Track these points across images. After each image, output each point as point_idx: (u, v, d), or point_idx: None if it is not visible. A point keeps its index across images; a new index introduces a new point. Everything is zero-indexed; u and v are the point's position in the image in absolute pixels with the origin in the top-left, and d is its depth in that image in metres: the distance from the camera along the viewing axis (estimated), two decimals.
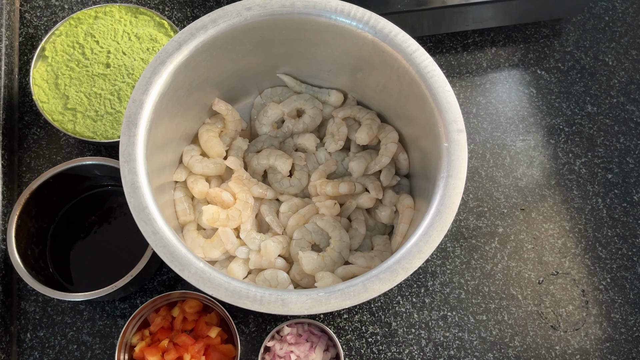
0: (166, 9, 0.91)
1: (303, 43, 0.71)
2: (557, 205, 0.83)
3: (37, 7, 0.91)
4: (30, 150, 0.82)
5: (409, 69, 0.64)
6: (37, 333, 0.73)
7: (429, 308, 0.77)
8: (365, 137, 0.74)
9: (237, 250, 0.70)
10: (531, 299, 0.78)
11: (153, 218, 0.57)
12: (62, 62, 0.80)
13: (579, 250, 0.80)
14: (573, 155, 0.86)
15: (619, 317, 0.77)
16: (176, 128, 0.71)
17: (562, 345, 0.76)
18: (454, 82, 0.90)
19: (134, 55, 0.81)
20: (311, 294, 0.55)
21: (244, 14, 0.65)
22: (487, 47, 0.92)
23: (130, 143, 0.59)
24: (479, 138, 0.86)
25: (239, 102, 0.80)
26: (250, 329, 0.75)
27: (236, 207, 0.70)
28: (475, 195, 0.83)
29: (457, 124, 0.62)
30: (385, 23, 0.65)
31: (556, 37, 0.94)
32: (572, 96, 0.90)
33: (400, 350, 0.75)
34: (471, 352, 0.75)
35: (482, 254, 0.80)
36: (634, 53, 0.93)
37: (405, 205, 0.72)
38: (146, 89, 0.61)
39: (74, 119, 0.77)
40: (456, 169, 0.60)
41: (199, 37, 0.64)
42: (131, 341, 0.69)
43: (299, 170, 0.76)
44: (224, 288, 0.55)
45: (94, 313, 0.75)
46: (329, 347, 0.71)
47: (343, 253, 0.70)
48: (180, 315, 0.70)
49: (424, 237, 0.57)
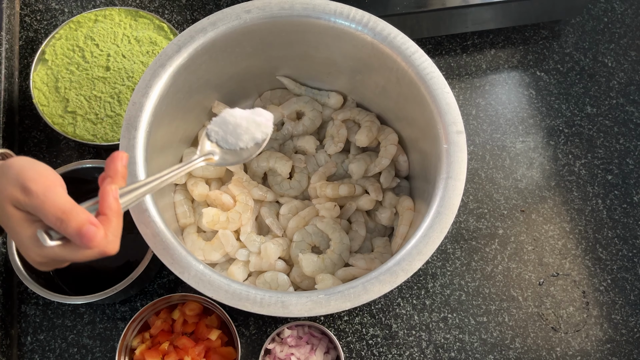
0: (166, 12, 0.92)
1: (302, 45, 0.71)
2: (557, 207, 0.83)
3: (37, 11, 0.91)
4: (30, 153, 0.82)
5: (409, 70, 0.64)
6: (38, 336, 0.73)
7: (429, 310, 0.77)
8: (364, 139, 0.74)
9: (237, 252, 0.70)
10: (532, 300, 0.77)
11: (153, 221, 0.57)
12: (62, 65, 0.80)
13: (580, 252, 0.80)
14: (573, 156, 0.86)
15: (619, 318, 0.77)
16: (176, 131, 0.71)
17: (562, 347, 0.75)
18: (453, 83, 0.90)
19: (134, 58, 0.81)
20: (311, 296, 0.55)
21: (244, 16, 0.65)
22: (486, 49, 0.92)
23: (130, 146, 0.60)
24: (479, 140, 0.86)
25: (238, 105, 0.80)
26: (251, 331, 0.75)
27: (236, 209, 0.70)
28: (475, 196, 0.83)
29: (456, 125, 0.62)
30: (385, 25, 0.65)
31: (555, 38, 0.94)
32: (571, 97, 0.90)
33: (401, 352, 0.74)
34: (472, 353, 0.75)
35: (482, 256, 0.80)
36: (633, 54, 0.93)
37: (405, 207, 0.72)
38: (146, 91, 0.61)
39: (74, 122, 0.77)
40: (456, 171, 0.60)
41: (199, 40, 0.64)
42: (132, 344, 0.69)
43: (299, 173, 0.76)
44: (224, 290, 0.55)
45: (94, 316, 0.75)
46: (330, 349, 0.71)
47: (343, 255, 0.70)
48: (181, 317, 0.70)
49: (423, 238, 0.57)
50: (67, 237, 0.42)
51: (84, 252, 0.43)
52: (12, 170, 0.43)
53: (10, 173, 0.43)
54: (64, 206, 0.42)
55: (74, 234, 0.41)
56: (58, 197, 0.42)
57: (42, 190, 0.42)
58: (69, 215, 0.41)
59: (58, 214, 0.41)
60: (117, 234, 0.44)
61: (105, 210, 0.43)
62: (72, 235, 0.42)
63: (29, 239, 0.42)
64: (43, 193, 0.42)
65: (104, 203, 0.44)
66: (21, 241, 0.43)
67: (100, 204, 0.44)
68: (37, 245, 0.42)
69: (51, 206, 0.42)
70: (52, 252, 0.43)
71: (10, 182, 0.43)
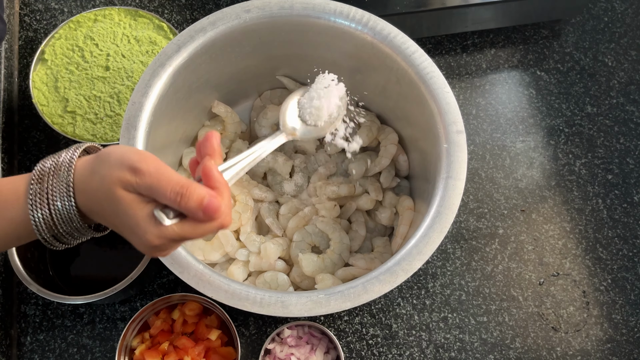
0: (165, 12, 0.92)
1: (302, 45, 0.71)
2: (558, 206, 0.83)
3: (37, 11, 0.91)
4: (30, 153, 0.82)
5: (409, 70, 0.64)
6: (37, 336, 0.73)
7: (429, 310, 0.76)
8: (365, 139, 0.74)
9: (237, 252, 0.70)
10: (532, 300, 0.77)
11: None
12: (62, 65, 0.80)
13: (580, 251, 0.80)
14: (573, 156, 0.86)
15: (620, 318, 0.77)
16: (175, 130, 0.71)
17: (563, 347, 0.75)
18: (453, 83, 0.90)
19: (134, 58, 0.81)
20: (311, 296, 0.55)
21: (243, 16, 0.65)
22: (486, 49, 0.92)
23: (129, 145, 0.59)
24: (479, 139, 0.86)
25: (238, 105, 0.80)
26: (251, 331, 0.75)
27: (236, 209, 0.70)
28: (475, 196, 0.83)
29: (456, 125, 0.62)
30: (385, 24, 0.65)
31: (555, 38, 0.94)
32: (571, 97, 0.90)
33: (401, 352, 0.74)
34: (472, 353, 0.75)
35: (482, 255, 0.79)
36: (634, 54, 0.93)
37: (405, 206, 0.72)
38: (145, 91, 0.61)
39: (73, 122, 0.77)
40: (456, 170, 0.60)
41: (198, 40, 0.64)
42: (131, 344, 0.69)
43: (299, 172, 0.76)
44: (224, 290, 0.55)
45: (94, 316, 0.74)
46: (330, 349, 0.71)
47: (343, 255, 0.70)
48: (181, 318, 0.70)
49: (424, 238, 0.57)
50: (187, 212, 0.41)
51: (204, 226, 0.42)
52: (114, 156, 0.42)
53: (112, 159, 0.42)
54: (181, 181, 0.41)
55: (195, 208, 0.41)
56: (172, 173, 0.42)
57: (154, 168, 0.41)
58: (188, 189, 0.41)
59: (176, 188, 0.40)
60: (230, 206, 0.44)
61: (214, 183, 0.43)
62: (193, 209, 0.41)
63: (144, 221, 0.41)
64: (156, 170, 0.41)
65: (211, 177, 0.43)
66: (136, 224, 0.41)
67: (207, 179, 0.43)
68: (154, 225, 0.41)
69: (168, 182, 0.41)
70: (171, 231, 0.42)
71: (114, 166, 0.41)
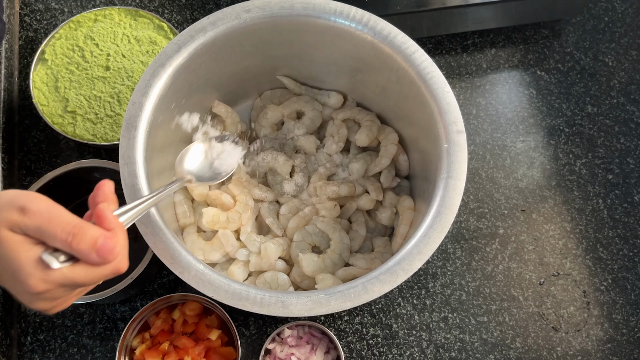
0: (165, 12, 0.92)
1: (302, 45, 0.71)
2: (558, 206, 0.83)
3: (37, 11, 0.91)
4: (30, 153, 0.82)
5: (409, 70, 0.64)
6: (38, 336, 0.73)
7: (429, 310, 0.76)
8: (365, 139, 0.74)
9: (237, 252, 0.70)
10: (532, 300, 0.77)
11: (153, 220, 0.57)
12: (62, 65, 0.80)
13: (580, 251, 0.80)
14: (573, 156, 0.86)
15: (620, 318, 0.77)
16: (175, 130, 0.71)
17: (563, 347, 0.75)
18: (453, 83, 0.90)
19: (134, 58, 0.81)
20: (311, 296, 0.55)
21: (243, 16, 0.65)
22: (486, 48, 0.92)
23: (129, 145, 0.59)
24: (479, 139, 0.86)
25: (238, 104, 0.80)
26: (251, 331, 0.75)
27: (236, 209, 0.70)
28: (475, 196, 0.83)
29: (457, 125, 0.62)
30: (385, 24, 0.65)
31: (556, 37, 0.94)
32: (572, 97, 0.90)
33: (402, 352, 0.74)
34: (472, 353, 0.75)
35: (482, 255, 0.79)
36: (634, 53, 0.93)
37: (406, 206, 0.72)
38: (146, 91, 0.61)
39: (73, 122, 0.77)
40: (456, 170, 0.60)
41: (199, 40, 0.64)
42: (131, 344, 0.69)
43: (299, 172, 0.76)
44: (224, 290, 0.55)
45: (94, 316, 0.74)
46: (330, 349, 0.71)
47: (343, 255, 0.70)
48: (181, 318, 0.70)
49: (424, 238, 0.57)
50: (79, 255, 0.39)
51: (98, 270, 0.40)
52: (4, 197, 0.40)
53: (2, 200, 0.39)
54: (73, 221, 0.39)
55: (88, 249, 0.38)
56: (65, 213, 0.39)
57: (45, 208, 0.39)
58: (81, 229, 0.38)
59: (68, 228, 0.38)
60: (126, 248, 0.42)
61: (108, 225, 0.41)
62: (86, 250, 0.38)
63: (29, 264, 0.38)
64: (47, 210, 0.39)
65: (104, 219, 0.41)
66: (19, 267, 0.38)
67: (100, 221, 0.41)
68: (40, 269, 0.38)
69: (59, 222, 0.38)
70: (59, 275, 0.39)
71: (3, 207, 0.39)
